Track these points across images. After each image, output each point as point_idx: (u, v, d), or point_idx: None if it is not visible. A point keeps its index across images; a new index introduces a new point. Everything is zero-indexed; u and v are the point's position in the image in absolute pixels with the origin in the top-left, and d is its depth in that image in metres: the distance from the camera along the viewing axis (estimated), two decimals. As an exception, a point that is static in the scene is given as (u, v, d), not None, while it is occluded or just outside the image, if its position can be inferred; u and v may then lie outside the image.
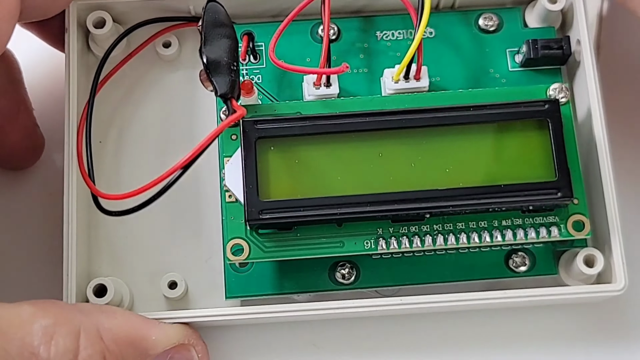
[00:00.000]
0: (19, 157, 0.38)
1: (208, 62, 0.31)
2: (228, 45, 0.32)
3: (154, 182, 0.30)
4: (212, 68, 0.31)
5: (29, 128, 0.37)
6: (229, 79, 0.31)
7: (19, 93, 0.36)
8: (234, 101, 0.31)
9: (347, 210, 0.31)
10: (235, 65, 0.32)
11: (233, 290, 0.33)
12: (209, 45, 0.32)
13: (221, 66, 0.31)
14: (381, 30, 0.36)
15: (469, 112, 0.32)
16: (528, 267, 0.34)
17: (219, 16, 0.32)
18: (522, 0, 0.37)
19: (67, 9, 0.35)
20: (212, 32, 0.32)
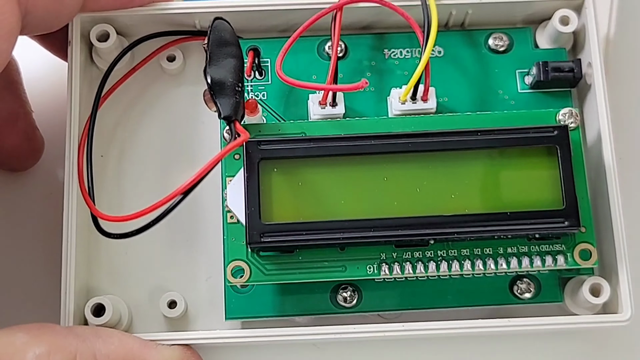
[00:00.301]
0: (18, 159, 0.38)
1: (212, 83, 0.31)
2: (233, 65, 0.31)
3: (155, 206, 0.29)
4: (217, 89, 0.31)
5: (28, 131, 0.37)
6: (234, 101, 0.31)
7: (17, 95, 0.36)
8: (238, 124, 0.31)
9: (350, 235, 0.31)
10: (241, 85, 0.31)
11: (233, 311, 0.33)
12: (214, 65, 0.31)
13: (226, 87, 0.31)
14: (389, 48, 0.36)
15: (476, 137, 0.32)
16: (533, 293, 0.33)
17: (225, 34, 0.32)
18: (533, 20, 0.36)
19: (70, 22, 0.34)
20: (218, 51, 0.31)
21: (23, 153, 0.37)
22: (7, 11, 0.29)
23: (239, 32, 0.36)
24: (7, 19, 0.29)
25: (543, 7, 0.35)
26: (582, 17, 0.35)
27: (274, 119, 0.35)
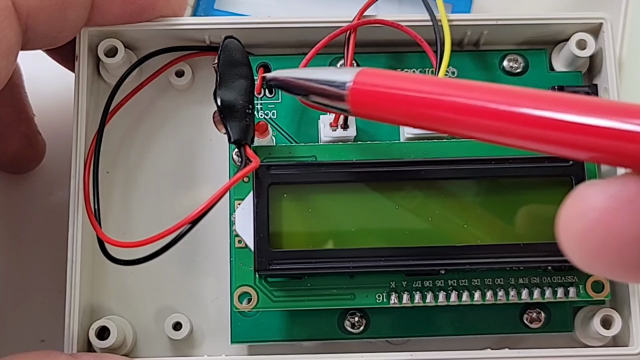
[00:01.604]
0: (19, 163, 0.37)
1: (222, 106, 0.30)
2: (244, 86, 0.31)
3: (163, 234, 0.29)
4: (227, 112, 0.30)
5: (30, 136, 0.36)
6: (244, 124, 0.30)
7: (19, 99, 0.35)
8: (248, 148, 0.30)
9: (360, 264, 0.30)
10: (251, 107, 0.31)
11: (239, 335, 0.33)
12: (224, 86, 0.30)
13: (236, 110, 0.30)
14: (402, 68, 0.35)
15: (490, 166, 0.31)
16: (543, 323, 0.33)
17: (236, 54, 0.31)
18: (549, 42, 0.36)
19: (77, 36, 0.33)
20: (228, 72, 0.31)
21: (24, 157, 0.37)
22: (5, 28, 0.28)
23: (249, 48, 0.35)
24: (6, 35, 0.29)
25: (560, 29, 0.35)
26: (599, 41, 0.34)
27: (284, 138, 0.34)
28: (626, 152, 0.17)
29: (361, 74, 0.25)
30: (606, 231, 0.17)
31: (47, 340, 0.34)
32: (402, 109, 0.23)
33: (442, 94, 0.22)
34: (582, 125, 0.18)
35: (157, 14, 0.34)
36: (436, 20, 0.33)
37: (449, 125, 0.22)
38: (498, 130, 0.20)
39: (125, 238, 0.34)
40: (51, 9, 0.30)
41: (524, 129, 0.19)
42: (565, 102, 0.19)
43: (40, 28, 0.30)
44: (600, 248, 0.17)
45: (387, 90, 0.24)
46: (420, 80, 0.24)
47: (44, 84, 0.38)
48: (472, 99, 0.21)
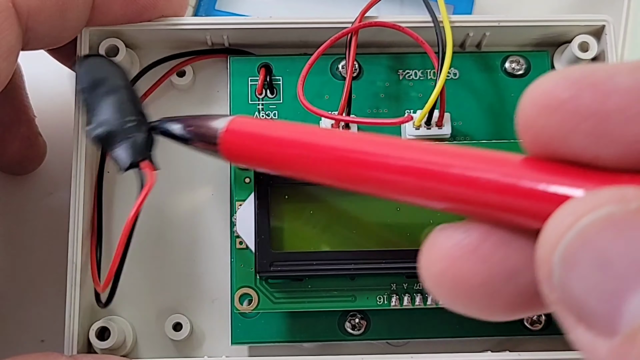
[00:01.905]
0: (19, 164, 0.37)
1: (99, 141, 0.28)
2: (114, 101, 0.29)
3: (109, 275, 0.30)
4: (107, 144, 0.28)
5: (30, 137, 0.36)
6: (129, 143, 0.28)
7: (20, 101, 0.35)
8: (145, 163, 0.28)
9: (362, 267, 0.30)
10: (132, 119, 0.29)
11: (239, 336, 0.33)
12: (93, 117, 0.29)
13: (115, 134, 0.28)
14: (404, 69, 0.35)
15: (492, 168, 0.31)
16: (544, 325, 0.33)
17: (94, 73, 0.30)
18: (551, 43, 0.36)
19: (79, 36, 0.33)
20: (92, 98, 0.29)
21: (25, 158, 0.37)
22: (5, 29, 0.28)
23: (250, 48, 0.35)
24: (6, 37, 0.28)
25: (562, 31, 0.35)
26: (602, 44, 0.34)
27: (285, 139, 0.34)
28: (466, 200, 0.18)
29: (233, 122, 0.25)
30: (455, 278, 0.17)
31: (47, 340, 0.34)
32: (270, 158, 0.24)
33: (308, 143, 0.22)
34: (419, 169, 0.19)
35: (158, 13, 0.34)
36: (438, 21, 0.33)
37: (313, 175, 0.22)
38: (356, 179, 0.21)
39: (126, 238, 0.34)
40: (52, 10, 0.30)
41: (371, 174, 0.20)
42: (410, 148, 0.19)
43: (41, 28, 0.30)
44: (453, 292, 0.18)
45: (256, 140, 0.24)
46: (288, 128, 0.24)
47: (45, 85, 0.38)
48: (337, 149, 0.21)
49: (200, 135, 0.27)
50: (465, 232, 0.18)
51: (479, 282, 0.17)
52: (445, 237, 0.18)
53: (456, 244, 0.18)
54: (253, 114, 0.34)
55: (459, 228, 0.18)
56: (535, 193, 0.16)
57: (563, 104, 0.16)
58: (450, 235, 0.18)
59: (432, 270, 0.18)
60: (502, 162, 0.18)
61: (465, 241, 0.17)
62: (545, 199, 0.16)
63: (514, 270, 0.17)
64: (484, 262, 0.17)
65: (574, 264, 0.14)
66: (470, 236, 0.18)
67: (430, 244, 0.18)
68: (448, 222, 0.30)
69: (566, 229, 0.15)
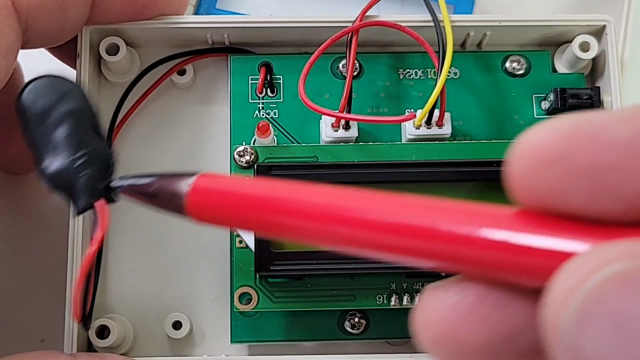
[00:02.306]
0: (20, 164, 0.37)
1: (52, 183, 0.26)
2: (64, 132, 0.26)
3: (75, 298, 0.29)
4: (60, 183, 0.26)
5: None
6: (82, 182, 0.26)
7: None
8: (100, 204, 0.26)
9: (361, 266, 0.30)
10: (84, 152, 0.26)
11: (239, 335, 0.33)
12: (42, 155, 0.26)
13: (67, 172, 0.26)
14: (404, 68, 0.35)
15: (492, 168, 0.31)
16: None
17: (39, 102, 0.27)
18: (551, 43, 0.36)
19: (79, 34, 0.33)
20: (40, 132, 0.27)
21: (26, 159, 0.36)
22: (4, 27, 0.28)
23: (250, 47, 0.35)
24: (5, 35, 0.28)
25: (563, 30, 0.35)
26: (602, 44, 0.34)
27: (285, 138, 0.34)
28: (455, 258, 0.17)
29: (202, 177, 0.22)
30: (454, 341, 0.16)
31: (47, 340, 0.34)
32: (238, 216, 0.21)
33: (280, 201, 0.20)
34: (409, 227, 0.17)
35: (158, 12, 0.34)
36: (438, 21, 0.33)
37: (288, 233, 0.20)
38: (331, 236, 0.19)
39: (127, 236, 0.34)
40: (51, 8, 0.30)
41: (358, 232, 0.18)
42: (395, 202, 0.18)
43: (41, 27, 0.30)
44: (453, 354, 0.17)
45: (222, 197, 0.22)
46: (257, 185, 0.22)
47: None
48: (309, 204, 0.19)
49: (164, 196, 0.23)
50: (460, 292, 0.17)
51: (479, 345, 0.16)
52: (439, 299, 0.17)
53: (452, 306, 0.17)
54: (253, 113, 0.34)
55: (452, 288, 0.17)
56: (533, 250, 0.15)
57: (559, 160, 0.15)
58: (444, 296, 0.17)
59: (429, 333, 0.17)
60: (494, 217, 0.16)
61: (461, 303, 0.17)
62: (545, 256, 0.15)
63: (516, 330, 0.16)
64: (483, 324, 0.16)
65: (588, 326, 0.14)
66: (466, 297, 0.17)
67: (423, 306, 0.17)
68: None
69: (575, 288, 0.14)
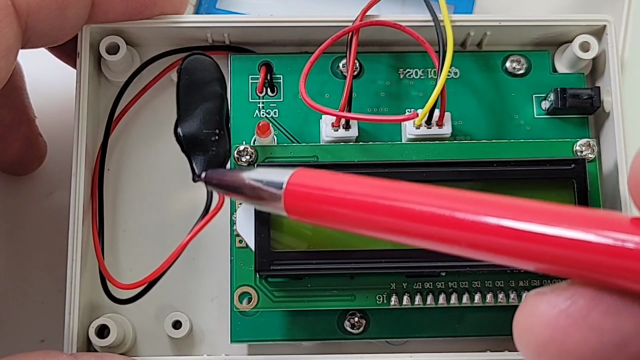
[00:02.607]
0: (20, 165, 0.37)
1: (184, 141, 0.29)
2: (210, 110, 0.29)
3: (148, 278, 0.31)
4: (190, 147, 0.29)
5: (31, 138, 0.36)
6: (209, 155, 0.29)
7: (20, 101, 0.35)
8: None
9: (361, 266, 0.30)
10: (219, 132, 0.29)
11: (239, 334, 0.33)
12: (184, 117, 0.29)
13: (199, 142, 0.29)
14: (404, 68, 0.35)
15: (492, 168, 0.31)
16: (543, 325, 0.33)
17: (198, 74, 0.29)
18: (552, 43, 0.36)
19: (79, 33, 0.33)
20: (189, 99, 0.29)
21: (25, 159, 0.37)
22: (4, 27, 0.28)
23: (251, 46, 0.35)
24: (5, 35, 0.28)
25: (563, 30, 0.35)
26: (603, 43, 0.34)
27: (285, 138, 0.34)
28: (571, 262, 0.16)
29: (296, 175, 0.23)
30: (562, 347, 0.16)
31: (47, 340, 0.34)
32: (337, 212, 0.22)
33: (383, 198, 0.20)
34: (524, 233, 0.17)
35: (158, 11, 0.34)
36: (438, 20, 0.33)
37: (390, 232, 0.20)
38: (435, 236, 0.19)
39: (126, 236, 0.34)
40: (51, 8, 0.30)
41: (463, 234, 0.19)
42: (509, 207, 0.19)
43: (41, 27, 0.30)
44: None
45: (323, 192, 0.22)
46: (356, 182, 0.22)
47: (46, 85, 0.38)
48: (413, 203, 0.20)
49: (258, 191, 0.24)
50: (570, 298, 0.17)
51: (587, 352, 0.16)
52: (547, 304, 0.17)
53: (562, 311, 0.16)
54: (253, 113, 0.34)
55: (561, 293, 0.17)
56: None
57: None
58: (553, 301, 0.17)
59: (534, 339, 0.17)
60: (610, 223, 0.16)
61: (571, 309, 0.16)
62: None
63: (627, 338, 0.16)
64: (593, 331, 0.16)
65: None
66: (577, 303, 0.16)
67: (528, 310, 0.17)
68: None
69: None
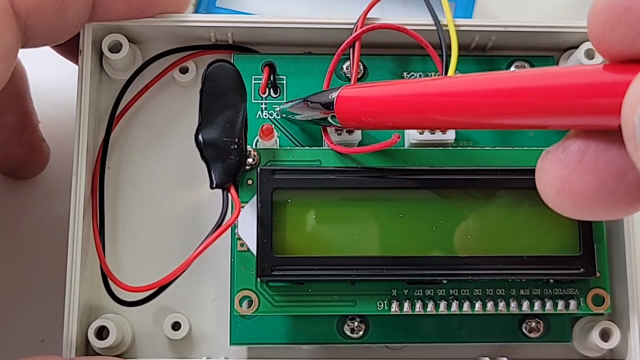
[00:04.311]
0: (23, 169, 0.37)
1: (204, 148, 0.29)
2: (230, 118, 0.30)
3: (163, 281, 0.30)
4: (209, 153, 0.29)
5: (35, 144, 0.36)
6: (228, 164, 0.30)
7: (24, 106, 0.35)
8: (232, 190, 0.30)
9: (362, 272, 0.30)
10: (238, 141, 0.30)
11: (238, 337, 0.33)
12: (205, 123, 0.30)
13: (219, 149, 0.29)
14: (408, 71, 0.35)
15: (495, 177, 0.31)
16: (542, 333, 0.33)
17: (222, 82, 0.30)
18: (557, 48, 0.35)
19: (82, 31, 0.33)
20: (211, 105, 0.30)
21: (28, 164, 0.37)
22: (3, 30, 0.28)
23: (254, 46, 0.35)
24: (4, 38, 0.28)
25: (569, 37, 0.34)
26: (608, 51, 0.34)
27: (288, 140, 0.34)
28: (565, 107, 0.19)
29: (344, 88, 0.29)
30: (571, 192, 0.19)
31: (47, 340, 0.34)
32: (381, 105, 0.26)
33: (426, 87, 0.24)
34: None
35: (160, 10, 0.33)
36: (440, 25, 0.33)
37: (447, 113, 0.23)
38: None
39: (126, 235, 0.34)
40: (51, 8, 0.29)
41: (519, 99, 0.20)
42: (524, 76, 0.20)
43: (40, 27, 0.30)
44: (576, 205, 0.19)
45: (366, 93, 0.27)
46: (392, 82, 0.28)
47: (50, 90, 0.37)
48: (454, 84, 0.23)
49: (317, 104, 0.30)
50: (564, 150, 0.19)
51: (594, 190, 0.18)
52: (549, 160, 0.19)
53: (561, 162, 0.19)
54: (256, 114, 0.34)
55: (558, 148, 0.19)
56: (616, 84, 0.17)
57: (622, 15, 0.17)
58: (553, 157, 0.19)
59: (549, 192, 0.19)
60: (583, 71, 0.18)
61: (567, 158, 0.19)
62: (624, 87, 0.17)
63: (622, 169, 0.18)
64: (592, 171, 0.18)
65: None
66: (570, 152, 0.19)
67: (540, 171, 0.20)
68: (450, 226, 0.30)
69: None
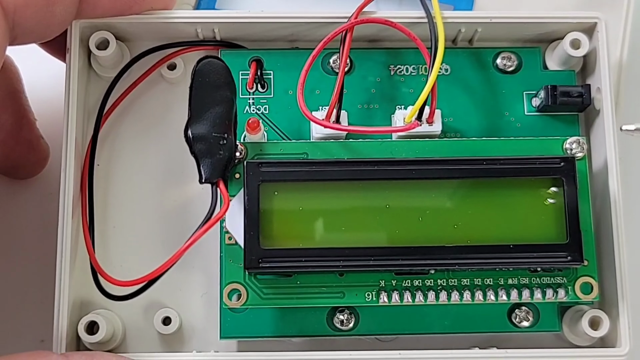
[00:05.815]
0: (23, 169, 0.37)
1: (193, 142, 0.30)
2: (220, 113, 0.30)
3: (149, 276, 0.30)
4: (198, 148, 0.30)
5: (33, 141, 0.36)
6: (217, 158, 0.30)
7: (20, 105, 0.35)
8: (222, 184, 0.30)
9: (350, 263, 0.30)
10: (227, 137, 0.30)
11: (228, 330, 0.33)
12: (195, 119, 0.30)
13: (208, 144, 0.30)
14: (395, 64, 0.35)
15: (481, 166, 0.31)
16: (531, 322, 0.33)
17: (211, 77, 0.30)
18: (543, 40, 0.36)
19: (69, 28, 0.33)
20: (200, 101, 0.30)
21: (27, 162, 0.37)
22: None
23: (242, 42, 0.35)
24: None
25: (554, 28, 0.35)
26: (594, 41, 0.34)
27: (275, 134, 0.34)
28: None
29: None
30: None
31: (47, 340, 0.33)
32: None
33: None
34: None
35: (147, 6, 0.33)
36: (432, 17, 0.33)
37: None
38: None
39: (116, 232, 0.34)
40: (38, 5, 0.30)
41: None
42: None
43: (28, 24, 0.30)
44: None
45: None
46: None
47: (45, 88, 0.37)
48: None
49: None
50: None
51: None
52: None
53: None
54: (244, 109, 0.34)
55: None
56: None
57: None
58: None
59: None
60: None
61: None
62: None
63: None
64: None
65: None
66: None
67: None
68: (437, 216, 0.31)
69: None
